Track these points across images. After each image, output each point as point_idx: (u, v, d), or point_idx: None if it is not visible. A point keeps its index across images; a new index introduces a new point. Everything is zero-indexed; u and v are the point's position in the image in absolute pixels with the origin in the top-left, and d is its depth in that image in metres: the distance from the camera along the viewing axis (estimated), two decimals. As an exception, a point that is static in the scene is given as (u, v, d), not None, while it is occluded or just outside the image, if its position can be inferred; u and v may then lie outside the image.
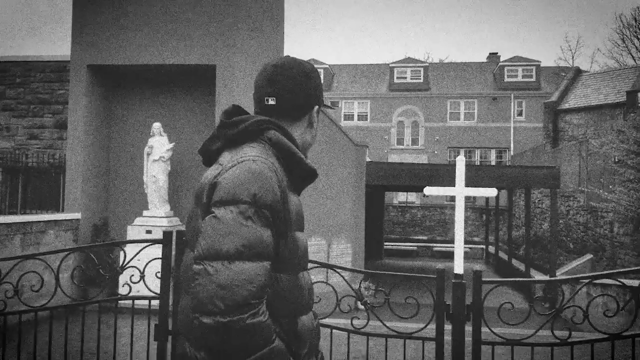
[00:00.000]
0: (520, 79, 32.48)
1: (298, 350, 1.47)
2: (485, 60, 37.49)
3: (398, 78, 33.70)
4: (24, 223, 7.57)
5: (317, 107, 1.69)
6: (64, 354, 3.45)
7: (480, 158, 32.23)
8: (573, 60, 41.76)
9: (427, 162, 30.94)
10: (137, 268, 3.36)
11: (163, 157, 8.70)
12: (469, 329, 3.12)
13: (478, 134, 32.10)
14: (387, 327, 3.29)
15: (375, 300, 7.27)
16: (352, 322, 3.30)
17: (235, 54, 8.67)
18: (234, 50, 8.66)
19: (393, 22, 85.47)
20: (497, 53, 37.73)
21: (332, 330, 3.33)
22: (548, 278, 12.41)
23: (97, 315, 3.49)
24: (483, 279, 3.15)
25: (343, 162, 12.08)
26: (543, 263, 16.56)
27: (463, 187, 3.15)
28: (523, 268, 15.84)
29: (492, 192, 3.22)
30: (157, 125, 8.85)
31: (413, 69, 33.66)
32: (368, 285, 10.87)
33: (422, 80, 33.44)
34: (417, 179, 14.09)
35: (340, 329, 3.37)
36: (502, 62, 33.56)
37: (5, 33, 68.29)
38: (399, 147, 33.02)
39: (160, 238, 3.31)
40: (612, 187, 15.01)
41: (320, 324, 2.22)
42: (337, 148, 11.87)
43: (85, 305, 3.69)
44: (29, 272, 3.48)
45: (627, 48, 35.92)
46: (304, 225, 1.61)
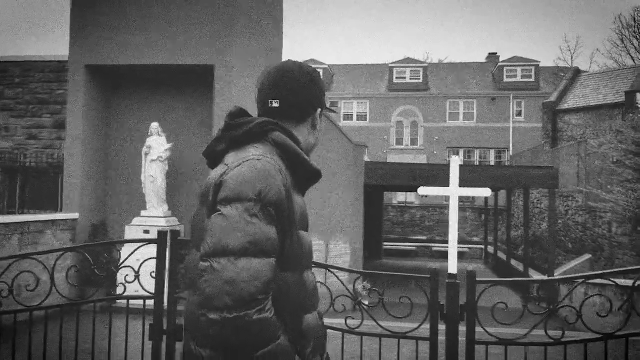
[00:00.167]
0: (519, 79, 32.48)
1: (303, 349, 1.48)
2: (484, 61, 37.50)
3: (397, 78, 33.70)
4: (22, 223, 7.57)
5: (319, 109, 1.71)
6: (59, 354, 3.45)
7: (479, 158, 32.24)
8: (572, 61, 41.83)
9: (426, 162, 30.93)
10: (132, 268, 3.37)
11: (161, 156, 8.72)
12: (463, 329, 3.12)
13: (477, 134, 32.11)
14: (381, 326, 3.30)
15: (371, 300, 7.28)
16: (346, 321, 3.30)
17: (234, 54, 8.67)
18: (232, 50, 8.66)
19: (392, 22, 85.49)
20: (496, 53, 37.75)
21: (326, 330, 3.33)
22: (543, 278, 12.40)
23: (92, 315, 3.50)
24: (477, 279, 3.16)
25: (341, 162, 12.08)
26: (542, 263, 16.56)
27: (457, 187, 3.16)
28: (522, 268, 15.84)
29: (486, 192, 3.23)
30: (155, 125, 8.86)
31: (412, 69, 33.67)
32: (364, 285, 10.87)
33: (421, 80, 33.45)
34: (415, 179, 14.08)
35: (335, 329, 3.37)
36: (501, 62, 33.55)
37: (4, 33, 68.32)
38: (398, 147, 33.02)
39: (155, 238, 3.32)
40: (610, 187, 15.01)
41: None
42: (335, 148, 11.87)
43: (80, 305, 3.70)
44: (24, 271, 3.48)
45: (626, 48, 35.92)
46: (308, 226, 1.62)
